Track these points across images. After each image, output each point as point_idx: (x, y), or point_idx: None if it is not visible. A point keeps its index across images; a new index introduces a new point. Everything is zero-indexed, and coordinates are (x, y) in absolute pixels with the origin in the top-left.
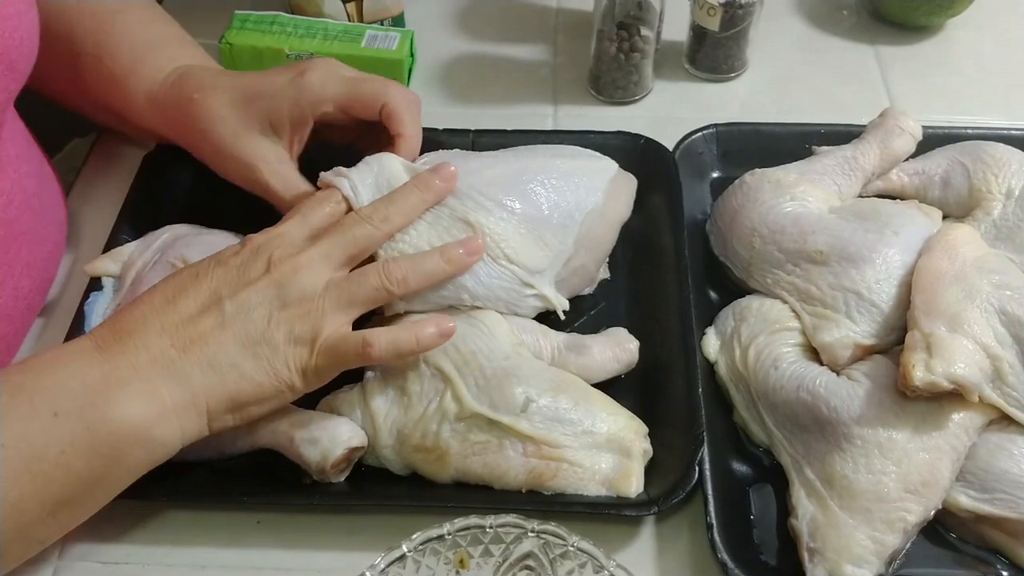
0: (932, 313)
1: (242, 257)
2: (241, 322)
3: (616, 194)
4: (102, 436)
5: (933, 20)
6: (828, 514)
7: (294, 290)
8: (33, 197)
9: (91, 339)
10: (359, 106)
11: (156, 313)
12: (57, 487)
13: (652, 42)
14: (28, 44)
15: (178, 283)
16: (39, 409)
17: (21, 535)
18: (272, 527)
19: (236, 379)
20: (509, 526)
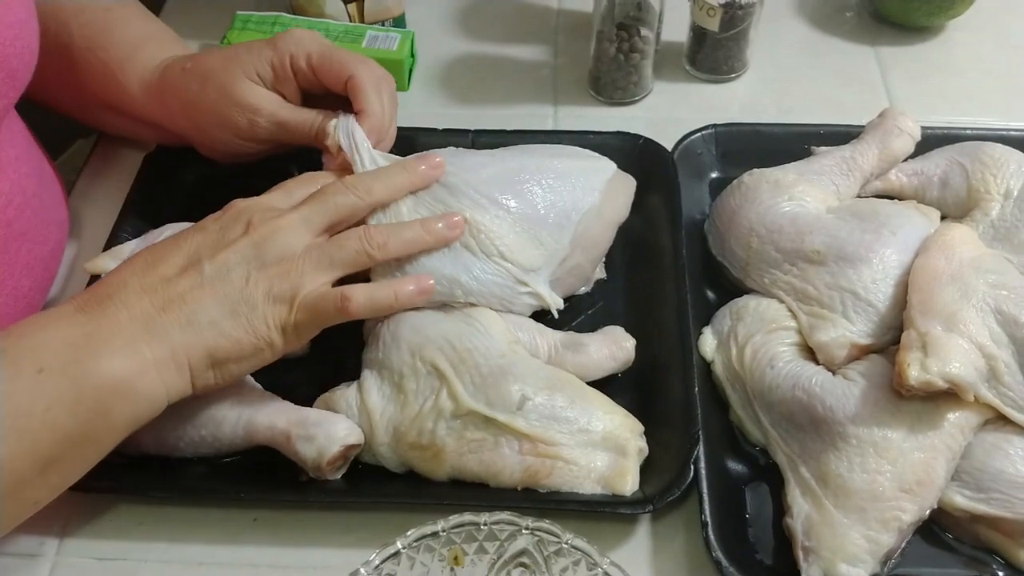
0: (928, 312)
1: (222, 221)
2: (220, 281)
3: (614, 195)
4: (87, 391)
5: (933, 21)
6: (823, 513)
7: (273, 250)
8: (33, 197)
9: (72, 303)
10: (328, 70)
11: (136, 276)
12: (45, 445)
13: (652, 43)
14: (28, 53)
15: (159, 249)
16: (22, 368)
17: (13, 496)
18: (268, 524)
19: (215, 336)
20: (503, 523)
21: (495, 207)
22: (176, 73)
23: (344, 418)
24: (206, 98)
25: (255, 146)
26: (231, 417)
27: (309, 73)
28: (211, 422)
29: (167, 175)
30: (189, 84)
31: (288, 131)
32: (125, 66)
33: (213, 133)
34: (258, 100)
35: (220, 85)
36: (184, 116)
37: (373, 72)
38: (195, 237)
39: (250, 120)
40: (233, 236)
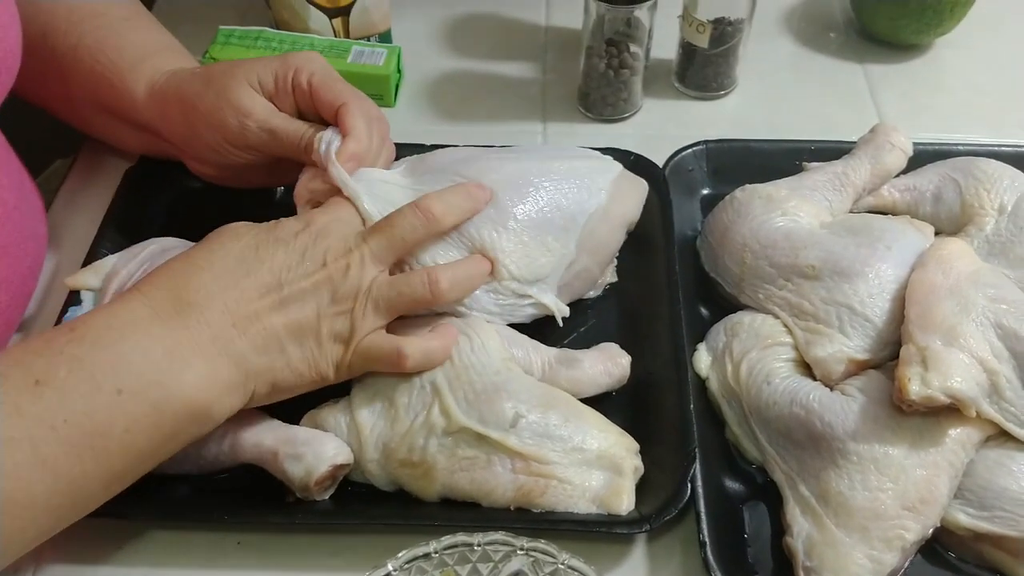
0: (927, 327)
1: (303, 241)
2: (296, 311)
3: (621, 195)
4: (166, 414)
5: (922, 39)
6: (824, 532)
7: (344, 287)
8: (13, 211)
9: (146, 304)
10: (323, 95)
11: (219, 286)
12: (118, 464)
13: (641, 59)
14: (11, 56)
15: (240, 255)
16: (102, 386)
17: (77, 509)
18: (253, 547)
19: (283, 366)
20: (498, 544)
21: (503, 216)
22: (184, 76)
23: (333, 437)
24: (206, 98)
25: (242, 154)
26: (216, 433)
27: (307, 93)
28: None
29: (148, 190)
30: (193, 85)
31: (277, 140)
32: (136, 68)
33: (204, 135)
34: (252, 104)
35: (220, 86)
36: (181, 118)
37: (367, 107)
38: (277, 253)
39: (241, 123)
40: (312, 267)
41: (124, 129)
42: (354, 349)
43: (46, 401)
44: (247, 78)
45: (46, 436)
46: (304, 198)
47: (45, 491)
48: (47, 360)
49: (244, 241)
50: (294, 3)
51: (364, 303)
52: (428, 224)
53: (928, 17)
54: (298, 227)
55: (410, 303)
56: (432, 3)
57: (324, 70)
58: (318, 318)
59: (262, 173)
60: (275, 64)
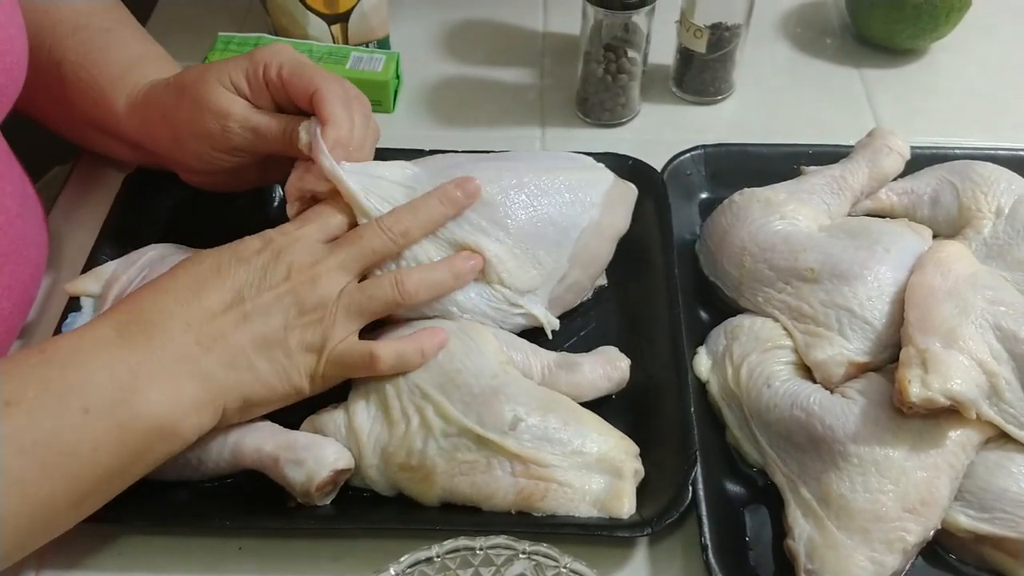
0: (927, 329)
1: (264, 258)
2: (260, 325)
3: (612, 207)
4: (131, 433)
5: (917, 44)
6: (826, 535)
7: (311, 298)
8: (16, 218)
9: (111, 326)
10: (296, 84)
11: (180, 306)
12: (86, 483)
13: (639, 64)
14: (17, 69)
15: (200, 275)
16: (69, 405)
17: (47, 529)
18: (254, 553)
19: (252, 380)
20: (500, 548)
21: (496, 229)
22: (159, 89)
23: (334, 442)
24: (183, 108)
25: (230, 158)
26: (217, 440)
27: (279, 85)
28: (197, 444)
29: (147, 197)
30: (168, 96)
31: (261, 137)
32: (115, 84)
33: (190, 145)
34: (229, 105)
35: (195, 94)
36: (164, 130)
37: (342, 88)
38: (239, 271)
39: (223, 126)
40: (274, 280)
41: (114, 144)
42: (326, 357)
43: (15, 421)
44: (220, 81)
45: (14, 457)
46: (295, 194)
47: (13, 510)
48: (16, 381)
49: (206, 263)
50: (293, 9)
51: (334, 311)
52: (396, 238)
53: (923, 22)
54: (259, 245)
55: (380, 305)
56: (430, 9)
57: (293, 60)
58: (285, 330)
59: (254, 173)
60: (244, 62)
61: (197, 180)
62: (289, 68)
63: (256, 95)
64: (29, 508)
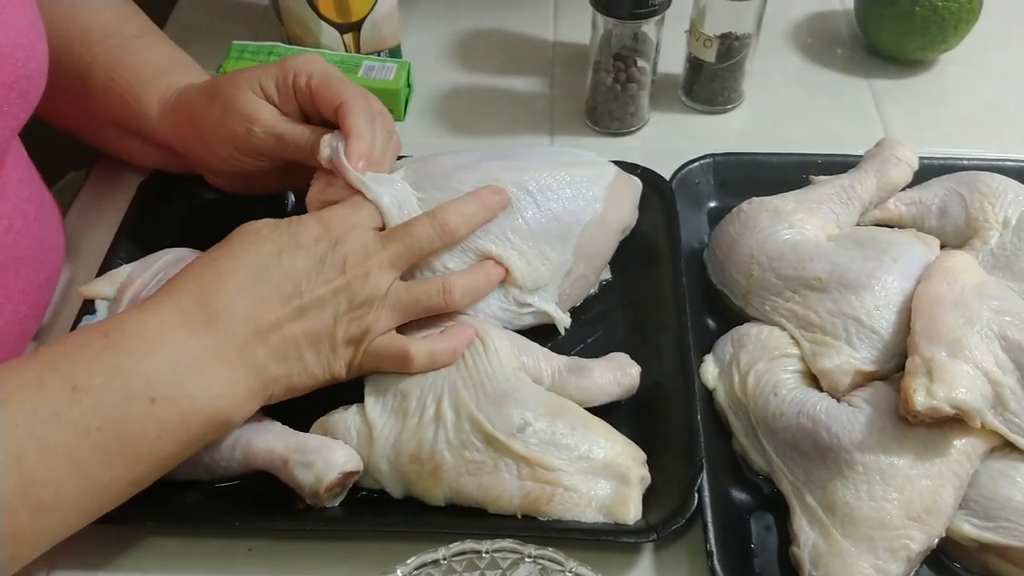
0: (932, 338)
1: (322, 248)
2: (313, 318)
3: (616, 201)
4: (192, 423)
5: (926, 55)
6: (830, 542)
7: (361, 294)
8: (33, 223)
9: (175, 309)
10: (323, 95)
11: (242, 295)
12: (145, 468)
13: (648, 73)
14: (39, 74)
15: (261, 261)
16: (136, 395)
17: (102, 509)
18: (264, 554)
19: (299, 371)
20: (506, 551)
21: (502, 230)
22: (191, 92)
23: (343, 444)
24: (213, 111)
25: (253, 161)
26: (228, 440)
27: (307, 95)
28: (208, 445)
29: (162, 201)
30: (200, 99)
31: (284, 144)
32: (147, 88)
33: (215, 147)
34: (257, 110)
35: (226, 97)
36: (192, 132)
37: (368, 103)
38: (298, 260)
39: (248, 129)
40: (331, 274)
41: (138, 145)
42: (364, 349)
43: (82, 408)
44: (250, 86)
45: (80, 442)
46: (316, 206)
47: (75, 493)
48: (83, 366)
49: (266, 247)
50: (306, 18)
51: (380, 307)
52: (444, 235)
53: (933, 33)
54: (317, 231)
55: (424, 309)
56: (441, 18)
57: (323, 71)
58: (335, 323)
59: (275, 178)
60: (275, 69)
61: (220, 182)
62: (318, 78)
63: (284, 102)
64: (91, 490)
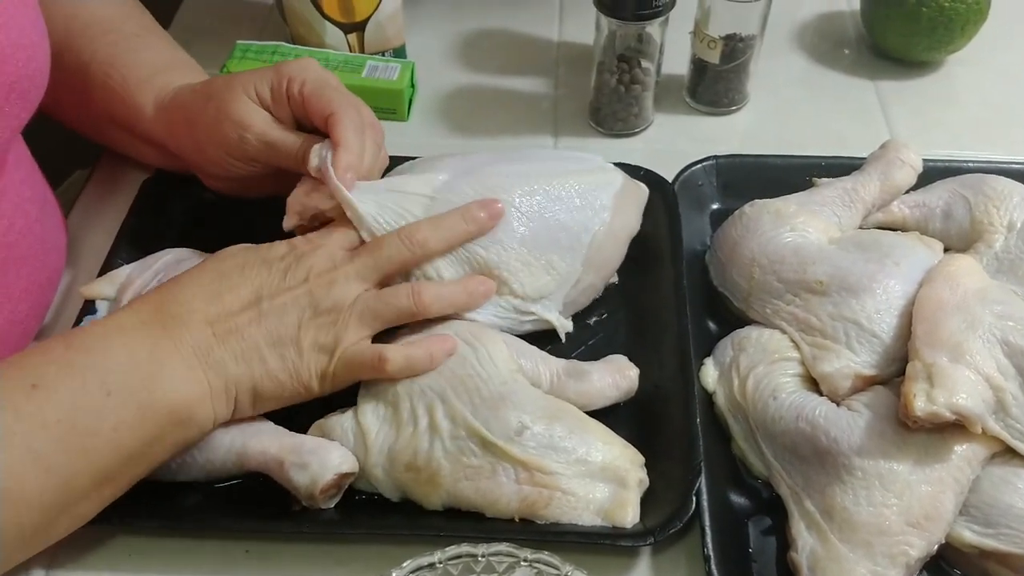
0: (934, 343)
1: (287, 262)
2: (274, 322)
3: (624, 209)
4: (150, 415)
5: (933, 56)
6: (828, 547)
7: (326, 301)
8: (35, 223)
9: (135, 315)
10: (315, 103)
11: (201, 301)
12: (106, 463)
13: (652, 74)
14: (41, 74)
15: (224, 272)
16: (90, 386)
17: (68, 510)
18: (261, 556)
19: (262, 374)
20: (502, 555)
21: (508, 238)
22: (187, 93)
23: (339, 446)
24: (207, 113)
25: (245, 166)
26: (224, 442)
27: (300, 102)
28: (205, 445)
29: (163, 202)
30: (195, 101)
31: (275, 151)
32: (143, 86)
33: (209, 150)
34: (250, 116)
35: (220, 101)
36: (186, 133)
37: (358, 114)
38: (261, 272)
39: (240, 136)
40: (293, 282)
41: (138, 143)
42: (337, 358)
43: (40, 401)
44: (245, 91)
45: (39, 434)
46: (295, 208)
47: (38, 487)
48: (43, 365)
49: (233, 261)
50: (310, 18)
51: (348, 315)
52: (413, 248)
53: (939, 34)
54: (284, 251)
55: (395, 313)
56: (446, 19)
57: (316, 79)
58: (299, 328)
59: (269, 183)
60: (271, 74)
61: (215, 184)
62: (311, 87)
63: (278, 108)
64: (53, 485)
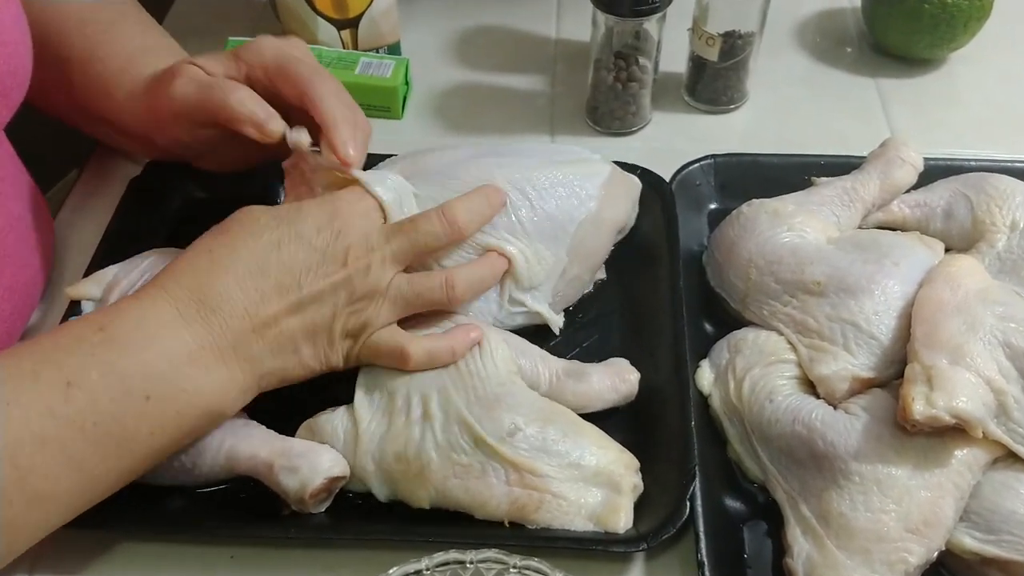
0: (933, 345)
1: (323, 238)
2: (311, 312)
3: (612, 199)
4: (187, 418)
5: (935, 54)
6: (825, 553)
7: (362, 287)
8: (18, 221)
9: (171, 303)
10: (284, 82)
11: (240, 290)
12: (139, 460)
13: (650, 72)
14: (22, 72)
15: (260, 253)
16: (131, 391)
17: (94, 501)
18: (247, 561)
19: (295, 364)
20: (490, 561)
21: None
22: (149, 81)
23: (329, 449)
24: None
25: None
26: (212, 445)
27: (269, 84)
28: (192, 448)
29: (150, 201)
30: (153, 84)
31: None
32: (117, 78)
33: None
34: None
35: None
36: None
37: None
38: (298, 252)
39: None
40: (331, 267)
41: (120, 137)
42: (363, 342)
43: (77, 404)
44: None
45: (75, 437)
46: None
47: (70, 487)
48: (78, 360)
49: (265, 238)
50: (303, 15)
51: (381, 301)
52: (452, 233)
53: (942, 32)
54: (320, 221)
55: (426, 303)
56: (441, 15)
57: (276, 58)
58: (333, 317)
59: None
60: (231, 64)
61: (202, 164)
62: (274, 68)
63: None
64: (84, 483)
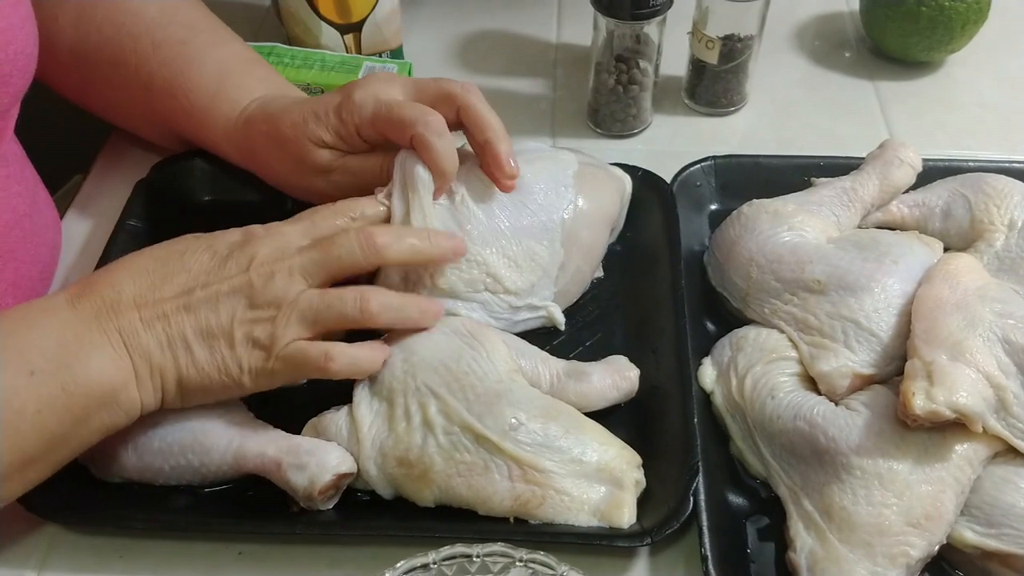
0: (933, 341)
1: (231, 246)
2: (205, 312)
3: (593, 191)
4: (74, 397)
5: (933, 56)
6: (827, 547)
7: (265, 294)
8: (23, 218)
9: (64, 296)
10: (392, 130)
11: (133, 284)
12: (31, 444)
13: (651, 75)
14: (23, 58)
15: (165, 257)
16: (14, 367)
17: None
18: (254, 558)
19: (187, 364)
20: (497, 555)
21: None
22: (256, 136)
23: (337, 446)
24: (284, 163)
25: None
26: (220, 444)
27: (379, 137)
28: (199, 448)
29: (157, 202)
30: (270, 150)
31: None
32: (210, 110)
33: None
34: (329, 164)
35: (294, 155)
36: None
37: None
38: (202, 258)
39: (326, 180)
40: (233, 271)
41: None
42: (276, 355)
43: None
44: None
45: None
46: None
47: None
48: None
49: (176, 246)
50: (306, 19)
51: (289, 313)
52: (368, 252)
53: (939, 34)
54: (237, 239)
55: (338, 317)
56: (443, 20)
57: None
58: (232, 322)
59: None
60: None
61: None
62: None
63: (351, 146)
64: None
